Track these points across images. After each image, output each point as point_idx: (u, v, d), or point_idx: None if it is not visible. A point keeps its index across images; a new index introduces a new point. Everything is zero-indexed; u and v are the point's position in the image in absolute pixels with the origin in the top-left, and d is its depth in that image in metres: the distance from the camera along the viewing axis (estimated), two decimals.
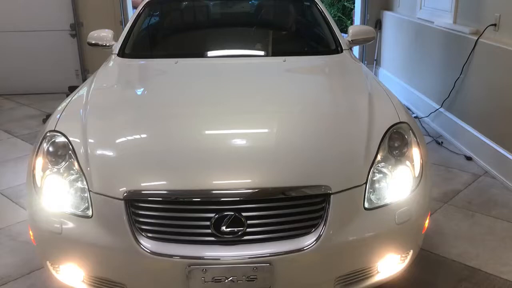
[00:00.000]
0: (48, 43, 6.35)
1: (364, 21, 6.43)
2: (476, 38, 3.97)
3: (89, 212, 1.91)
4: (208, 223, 1.82)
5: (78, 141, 2.07)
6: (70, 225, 1.93)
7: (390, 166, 2.03)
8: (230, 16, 3.81)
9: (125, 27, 3.48)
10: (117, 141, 2.10)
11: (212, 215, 1.82)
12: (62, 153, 2.06)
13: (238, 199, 1.83)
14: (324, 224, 1.85)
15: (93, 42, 3.34)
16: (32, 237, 2.09)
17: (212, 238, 1.84)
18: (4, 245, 2.94)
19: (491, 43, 3.79)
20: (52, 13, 6.28)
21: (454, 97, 4.40)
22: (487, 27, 3.86)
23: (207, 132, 2.16)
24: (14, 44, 6.32)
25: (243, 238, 1.83)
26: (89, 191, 1.92)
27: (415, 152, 2.11)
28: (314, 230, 1.86)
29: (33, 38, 6.31)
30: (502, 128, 3.66)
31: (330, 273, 1.93)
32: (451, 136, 4.45)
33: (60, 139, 2.10)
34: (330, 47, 3.22)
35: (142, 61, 3.14)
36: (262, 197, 1.85)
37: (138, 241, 1.83)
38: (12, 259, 2.78)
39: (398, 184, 2.02)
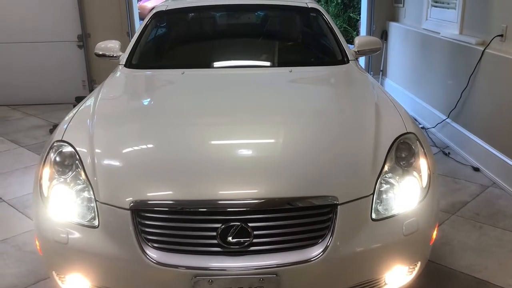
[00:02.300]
0: (55, 54, 6.41)
1: (370, 32, 6.45)
2: (482, 48, 3.96)
3: (96, 222, 1.91)
4: (214, 233, 1.82)
5: (85, 151, 2.08)
6: (76, 235, 1.93)
7: (397, 177, 2.02)
8: (236, 27, 3.83)
9: (132, 38, 3.51)
10: (124, 151, 2.11)
11: (219, 225, 1.81)
12: (69, 163, 2.06)
13: (244, 209, 1.83)
14: (331, 235, 1.84)
15: (100, 53, 3.36)
16: (38, 247, 2.09)
17: (218, 249, 1.83)
18: (10, 255, 2.94)
19: (497, 54, 3.78)
20: (60, 24, 6.34)
21: (461, 108, 4.39)
22: (493, 38, 3.86)
23: (213, 142, 2.16)
24: (21, 54, 6.38)
25: (249, 249, 1.83)
26: (96, 201, 1.92)
27: (423, 163, 2.10)
28: (321, 241, 1.84)
29: (40, 49, 6.37)
30: (509, 139, 3.63)
31: (337, 285, 1.91)
32: (458, 147, 4.43)
33: (67, 149, 2.10)
34: (336, 57, 3.22)
35: (149, 72, 3.16)
36: (269, 208, 1.84)
37: (144, 251, 1.83)
38: (18, 269, 2.78)
39: (406, 195, 2.01)
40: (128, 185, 1.93)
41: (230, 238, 1.81)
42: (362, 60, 6.59)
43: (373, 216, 1.92)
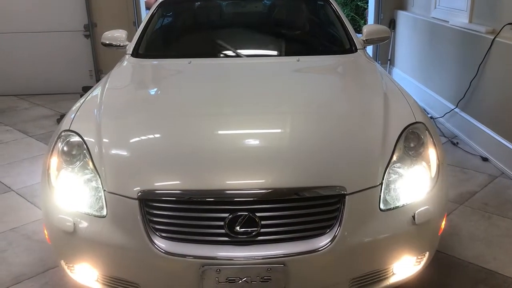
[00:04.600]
0: (62, 44, 6.41)
1: (378, 21, 6.39)
2: (492, 37, 3.91)
3: (104, 212, 1.91)
4: (222, 223, 1.81)
5: (93, 140, 2.08)
6: (84, 224, 1.93)
7: (406, 167, 2.01)
8: (243, 16, 3.80)
9: (138, 27, 3.50)
10: (131, 140, 2.11)
11: (226, 215, 1.81)
12: (76, 153, 2.07)
13: (252, 199, 1.82)
14: (339, 225, 1.83)
15: (107, 42, 3.36)
16: (47, 236, 2.11)
17: (226, 238, 1.83)
18: (20, 243, 2.96)
19: (508, 42, 3.73)
20: (66, 14, 6.34)
21: (469, 97, 4.35)
22: (504, 26, 3.81)
23: (220, 132, 2.15)
24: (28, 45, 6.38)
25: (257, 239, 1.82)
26: (104, 190, 1.92)
27: (431, 153, 2.08)
28: (328, 231, 1.84)
29: (47, 39, 6.38)
30: None
31: (344, 275, 1.91)
32: (467, 137, 4.39)
33: (75, 138, 2.10)
34: (344, 46, 3.20)
35: (155, 61, 3.15)
36: (276, 198, 1.83)
37: (152, 240, 1.83)
38: (27, 258, 2.81)
39: (414, 185, 2.00)
40: (136, 174, 1.93)
41: (237, 228, 1.80)
42: (369, 49, 6.54)
43: (381, 206, 1.91)
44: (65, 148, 2.09)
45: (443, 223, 2.12)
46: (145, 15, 5.16)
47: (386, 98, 2.35)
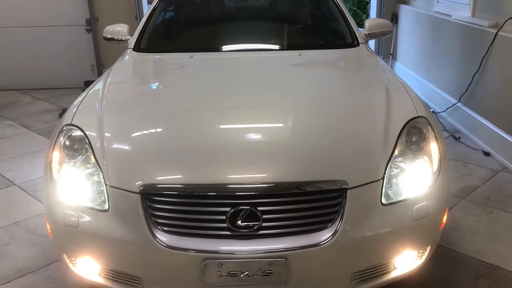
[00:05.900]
0: (64, 38, 6.41)
1: (380, 15, 6.37)
2: (495, 31, 3.90)
3: (106, 206, 1.92)
4: (223, 217, 1.82)
5: (95, 135, 2.08)
6: (86, 218, 1.94)
7: (407, 161, 2.01)
8: (245, 10, 3.79)
9: (140, 21, 3.49)
10: (133, 135, 2.11)
11: (228, 209, 1.82)
12: (78, 147, 2.07)
13: (253, 193, 1.82)
14: (341, 219, 1.83)
15: (108, 36, 3.35)
16: (49, 230, 2.11)
17: (228, 232, 1.83)
18: (22, 238, 2.97)
19: (511, 36, 3.71)
20: (68, 8, 6.33)
21: (472, 92, 4.34)
22: (507, 20, 3.79)
23: (222, 126, 2.15)
24: (30, 39, 6.38)
25: (258, 233, 1.83)
26: (106, 184, 1.92)
27: (433, 147, 2.08)
28: (330, 225, 1.84)
29: (49, 34, 6.37)
30: None
31: (346, 269, 1.91)
32: (469, 131, 4.39)
33: (77, 133, 2.11)
34: (346, 40, 3.19)
35: (157, 56, 3.15)
36: (278, 192, 1.84)
37: (154, 234, 1.84)
38: (30, 252, 2.82)
39: (416, 179, 2.00)
40: (138, 168, 1.93)
41: (239, 222, 1.81)
42: (372, 44, 6.52)
43: (383, 200, 1.91)
44: (67, 142, 2.10)
45: (445, 217, 2.12)
46: (146, 9, 5.15)
47: (388, 92, 2.35)
